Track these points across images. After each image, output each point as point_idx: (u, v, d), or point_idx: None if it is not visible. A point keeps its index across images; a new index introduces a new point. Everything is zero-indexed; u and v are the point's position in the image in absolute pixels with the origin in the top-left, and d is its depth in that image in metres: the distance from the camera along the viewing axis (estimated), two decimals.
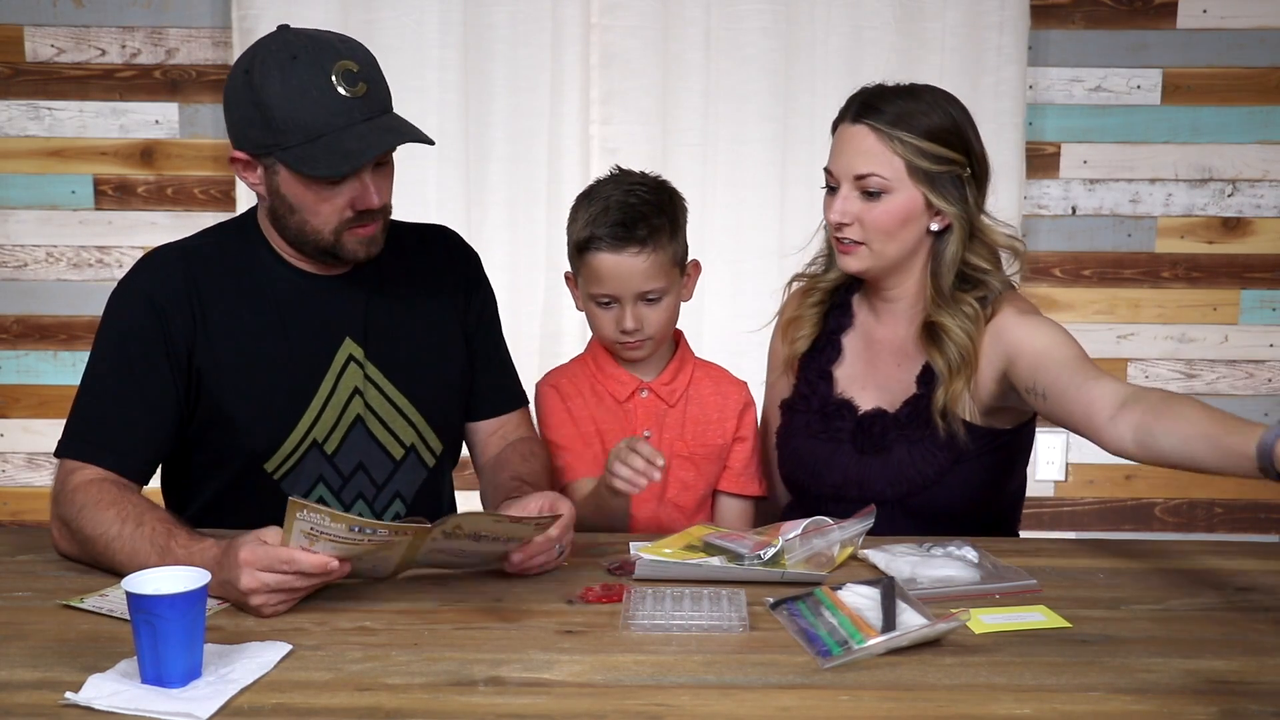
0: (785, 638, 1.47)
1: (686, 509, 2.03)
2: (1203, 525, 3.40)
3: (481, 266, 2.04)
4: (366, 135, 1.70)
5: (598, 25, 3.13)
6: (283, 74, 1.68)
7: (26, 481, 3.39)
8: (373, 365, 1.86)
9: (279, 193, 1.75)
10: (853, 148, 1.85)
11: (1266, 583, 1.67)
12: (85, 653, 1.41)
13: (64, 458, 1.75)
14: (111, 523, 1.63)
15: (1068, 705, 1.31)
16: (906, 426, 1.91)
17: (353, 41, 1.76)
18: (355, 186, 1.73)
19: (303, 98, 1.68)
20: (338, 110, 1.68)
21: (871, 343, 1.99)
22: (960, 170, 1.85)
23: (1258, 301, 3.31)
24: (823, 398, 1.99)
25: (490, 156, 3.17)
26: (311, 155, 1.69)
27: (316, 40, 1.72)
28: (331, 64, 1.69)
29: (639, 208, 1.91)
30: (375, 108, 1.72)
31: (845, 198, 1.86)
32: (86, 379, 1.79)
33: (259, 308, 1.82)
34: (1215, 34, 3.18)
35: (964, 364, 1.86)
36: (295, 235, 1.79)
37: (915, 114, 1.83)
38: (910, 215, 1.85)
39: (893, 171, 1.83)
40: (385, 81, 1.77)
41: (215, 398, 1.79)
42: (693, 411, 2.03)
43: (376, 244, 1.80)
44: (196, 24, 3.19)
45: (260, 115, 1.69)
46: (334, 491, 1.85)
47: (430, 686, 1.34)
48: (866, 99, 1.86)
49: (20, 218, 3.27)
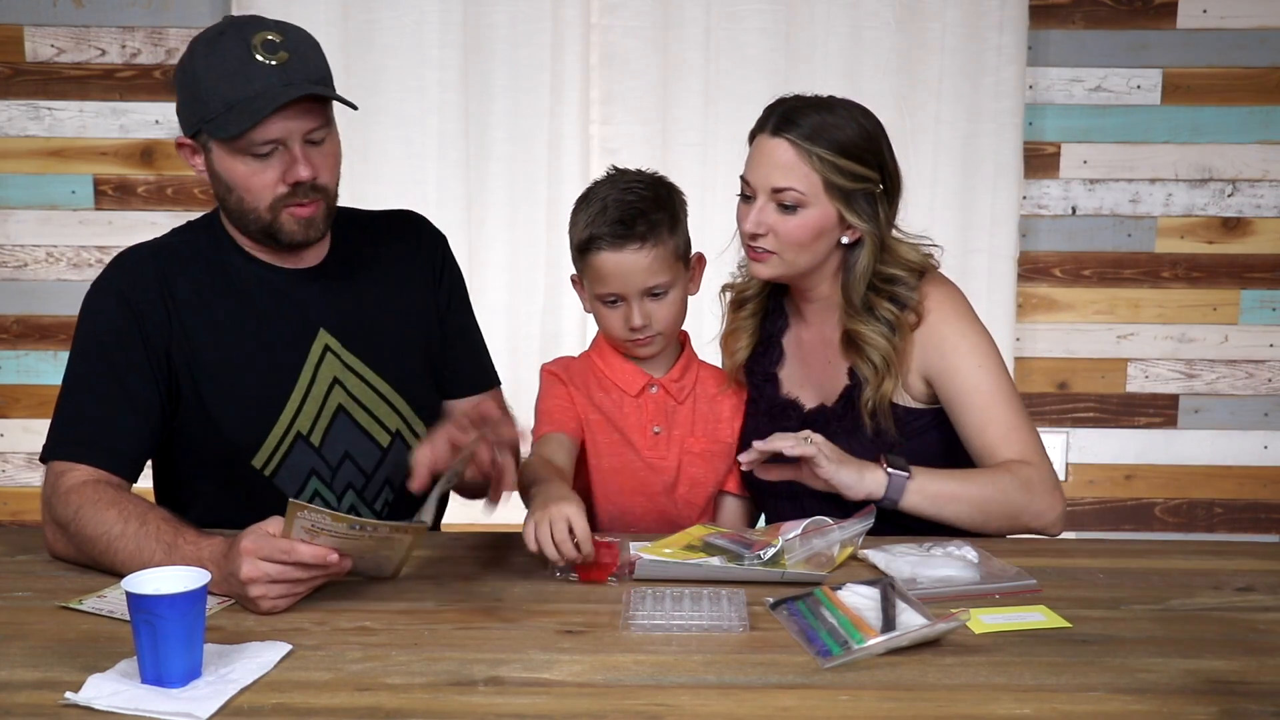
0: (785, 638, 1.47)
1: (698, 505, 2.03)
2: (1203, 525, 3.40)
3: (449, 247, 2.05)
4: (277, 94, 1.69)
5: (598, 25, 3.13)
6: (208, 49, 1.72)
7: (26, 481, 3.40)
8: (350, 354, 1.86)
9: (215, 173, 1.77)
10: (770, 160, 1.88)
11: (1266, 583, 1.67)
12: (85, 653, 1.41)
13: (52, 460, 1.75)
14: (114, 522, 1.63)
15: (1068, 705, 1.31)
16: (844, 419, 1.95)
17: (291, 25, 1.76)
18: (285, 158, 1.73)
19: (223, 67, 1.70)
20: (254, 76, 1.69)
21: (802, 343, 2.03)
22: (873, 187, 1.89)
23: (1258, 301, 3.31)
24: (770, 399, 2.02)
25: (490, 156, 3.17)
26: (226, 120, 1.70)
27: (248, 17, 1.78)
28: (252, 35, 1.70)
29: (636, 204, 1.91)
30: (297, 76, 1.71)
31: (761, 209, 1.89)
32: (67, 381, 1.80)
33: (232, 304, 1.83)
34: (1215, 34, 3.18)
35: (888, 367, 1.90)
36: (237, 217, 1.80)
37: (831, 128, 1.86)
38: (823, 229, 1.89)
39: (809, 187, 1.86)
40: (319, 59, 1.76)
41: (196, 396, 1.80)
42: (701, 409, 2.04)
43: (315, 227, 1.79)
44: (196, 24, 3.17)
45: (189, 93, 1.73)
46: (326, 483, 1.85)
47: (430, 686, 1.34)
48: (785, 112, 1.89)
49: (20, 218, 3.27)
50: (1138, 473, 3.36)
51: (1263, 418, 3.35)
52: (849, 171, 1.86)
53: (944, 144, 3.14)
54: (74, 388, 1.79)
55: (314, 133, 1.74)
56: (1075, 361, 3.33)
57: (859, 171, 1.87)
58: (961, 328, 1.92)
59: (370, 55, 3.10)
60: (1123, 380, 3.33)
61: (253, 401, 1.82)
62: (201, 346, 1.80)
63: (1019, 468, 1.84)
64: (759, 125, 1.92)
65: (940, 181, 3.15)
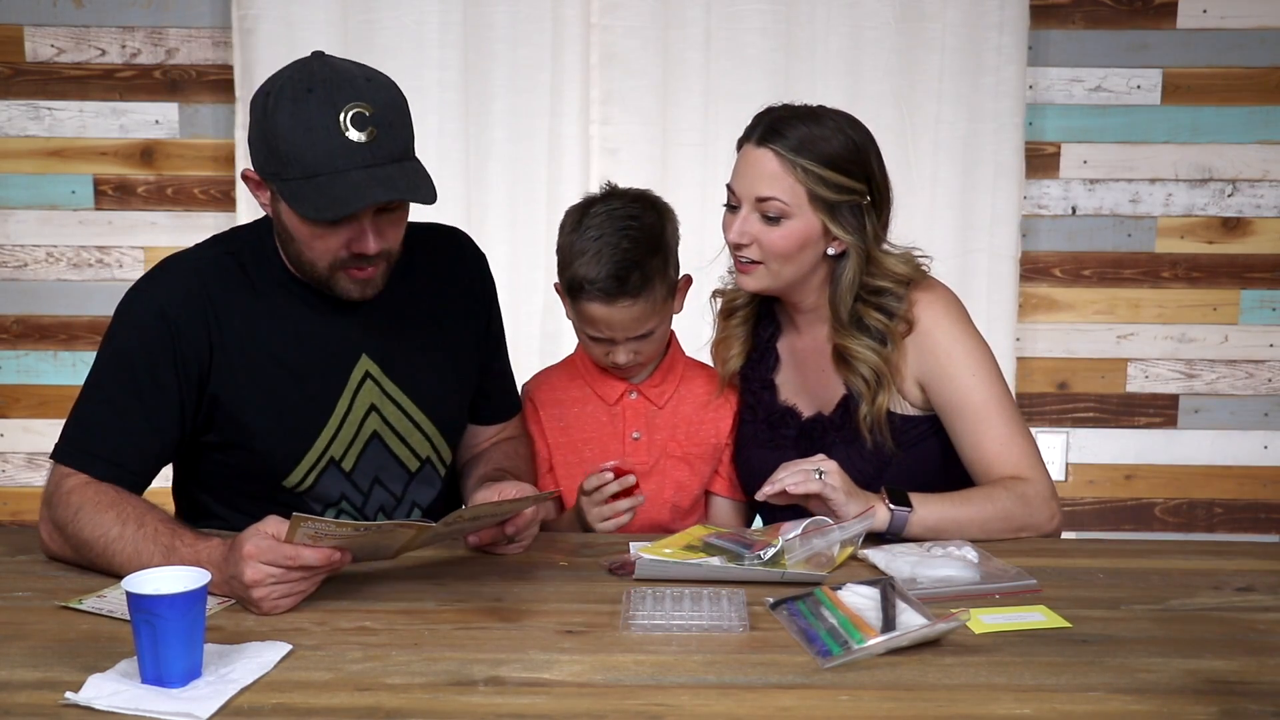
0: (785, 638, 1.47)
1: (682, 509, 2.04)
2: (1203, 525, 3.40)
3: (489, 269, 2.02)
4: (361, 184, 1.62)
5: (598, 25, 3.13)
6: (294, 105, 1.63)
7: (26, 481, 3.39)
8: (390, 382, 1.84)
9: (279, 217, 1.73)
10: (756, 170, 1.87)
11: (1266, 583, 1.67)
12: (85, 653, 1.41)
13: (60, 462, 1.74)
14: (112, 524, 1.63)
15: (1068, 705, 1.31)
16: (842, 428, 1.94)
17: (382, 80, 1.69)
18: (353, 229, 1.68)
19: (308, 134, 1.62)
20: (339, 153, 1.62)
21: (796, 352, 2.03)
22: (860, 199, 1.88)
23: (1258, 301, 3.31)
24: (768, 407, 2.02)
25: (490, 156, 3.17)
26: (304, 193, 1.64)
27: (339, 75, 1.65)
28: (344, 103, 1.61)
29: (631, 254, 1.88)
30: (382, 155, 1.64)
31: (745, 219, 1.88)
32: (90, 385, 1.77)
33: (276, 326, 1.79)
34: (1215, 34, 3.18)
35: (880, 380, 1.90)
36: (295, 262, 1.77)
37: (818, 140, 1.86)
38: (808, 240, 1.88)
39: (794, 198, 1.85)
40: (406, 127, 1.69)
41: (232, 415, 1.78)
42: (684, 411, 2.04)
43: (374, 286, 1.76)
44: (196, 24, 3.19)
45: (267, 142, 1.66)
46: (356, 507, 1.85)
47: (430, 686, 1.34)
48: (772, 122, 1.88)
49: (20, 218, 3.27)
50: (1138, 473, 3.36)
51: (1263, 418, 3.35)
52: (834, 183, 1.85)
53: (944, 144, 3.14)
54: (94, 394, 1.76)
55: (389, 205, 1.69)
56: (1075, 361, 3.33)
57: (844, 184, 1.86)
58: (955, 333, 1.91)
59: (370, 55, 3.08)
60: (1123, 380, 3.33)
61: (291, 425, 1.79)
62: (241, 366, 1.77)
63: (1014, 484, 1.84)
64: (746, 134, 1.91)
65: (940, 181, 3.15)
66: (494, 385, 2.03)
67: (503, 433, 2.04)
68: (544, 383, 2.09)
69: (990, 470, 1.86)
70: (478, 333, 1.98)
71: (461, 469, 2.03)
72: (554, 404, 2.05)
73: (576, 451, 2.03)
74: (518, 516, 1.69)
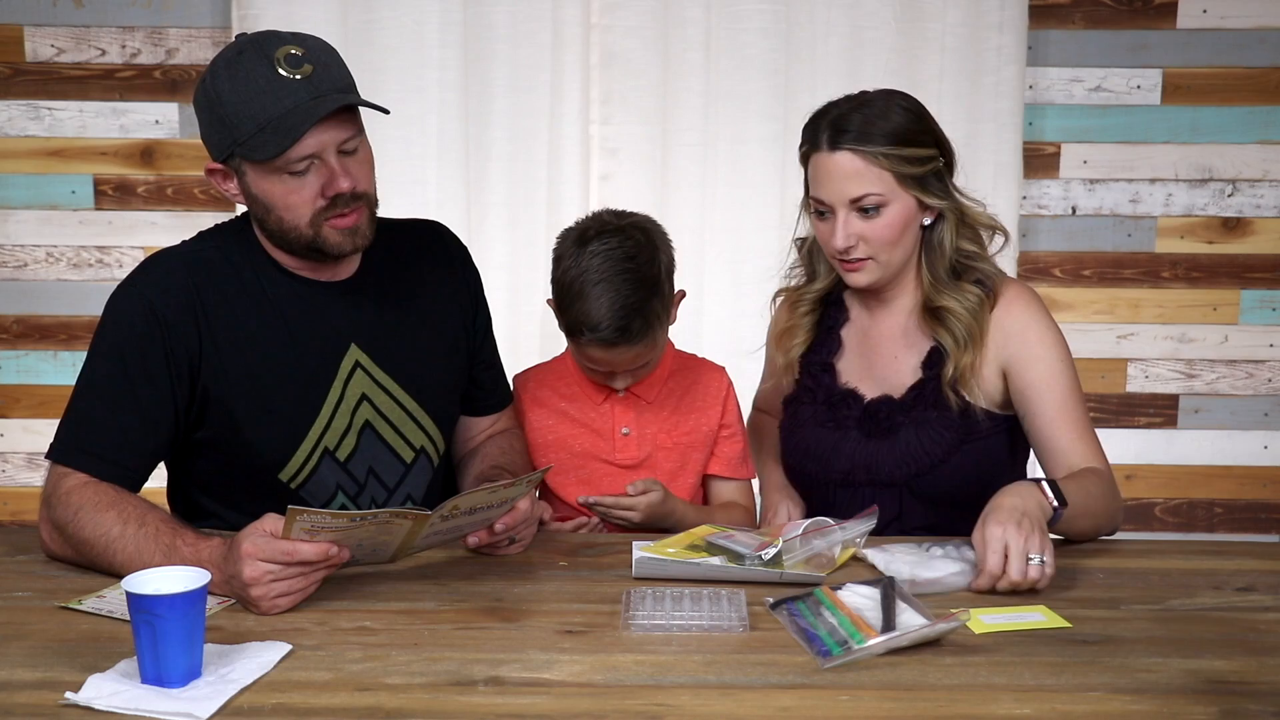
0: (785, 638, 1.47)
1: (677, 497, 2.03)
2: (1203, 525, 3.40)
3: (473, 262, 2.03)
4: (310, 109, 1.65)
5: (598, 25, 3.13)
6: (230, 70, 1.67)
7: (26, 481, 3.40)
8: (380, 371, 1.85)
9: (251, 194, 1.74)
10: (841, 174, 1.87)
11: (1266, 583, 1.67)
12: (85, 653, 1.41)
13: (56, 462, 1.74)
14: (112, 524, 1.63)
15: (1068, 705, 1.31)
16: (913, 409, 1.95)
17: (307, 35, 1.73)
18: (322, 172, 1.70)
19: (248, 86, 1.65)
20: (282, 93, 1.65)
21: (868, 338, 2.03)
22: (937, 163, 1.91)
23: (1258, 301, 3.31)
24: (827, 389, 2.02)
25: (490, 156, 3.17)
26: (260, 141, 1.66)
27: (264, 33, 1.71)
28: (274, 50, 1.66)
29: (632, 300, 1.86)
30: (325, 86, 1.67)
31: (845, 221, 1.89)
32: (82, 383, 1.77)
33: (264, 318, 1.80)
34: (1215, 34, 3.18)
35: (970, 339, 1.91)
36: (278, 235, 1.77)
37: (881, 122, 1.87)
38: (909, 221, 1.91)
39: (885, 186, 1.87)
40: (342, 66, 1.73)
41: (224, 408, 1.78)
42: (672, 403, 2.04)
43: (362, 235, 1.77)
44: (196, 24, 3.19)
45: (216, 116, 1.69)
46: (351, 498, 1.85)
47: (430, 686, 1.34)
48: (833, 123, 1.88)
49: (20, 218, 3.27)
50: (1138, 473, 3.36)
51: (1263, 418, 3.35)
52: (913, 158, 1.87)
53: None
54: (87, 392, 1.76)
55: (348, 142, 1.71)
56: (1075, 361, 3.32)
57: (921, 155, 1.88)
58: (1046, 322, 1.96)
59: (370, 55, 3.09)
60: (1123, 380, 3.33)
61: (282, 416, 1.79)
62: (231, 359, 1.77)
63: (1101, 475, 1.83)
64: (811, 144, 1.91)
65: None
66: (485, 375, 2.03)
67: (496, 424, 2.05)
68: (533, 377, 2.10)
69: (1066, 458, 1.86)
70: (466, 321, 1.98)
71: (458, 464, 2.04)
72: (543, 398, 2.06)
73: (565, 447, 2.03)
74: (513, 512, 1.69)
